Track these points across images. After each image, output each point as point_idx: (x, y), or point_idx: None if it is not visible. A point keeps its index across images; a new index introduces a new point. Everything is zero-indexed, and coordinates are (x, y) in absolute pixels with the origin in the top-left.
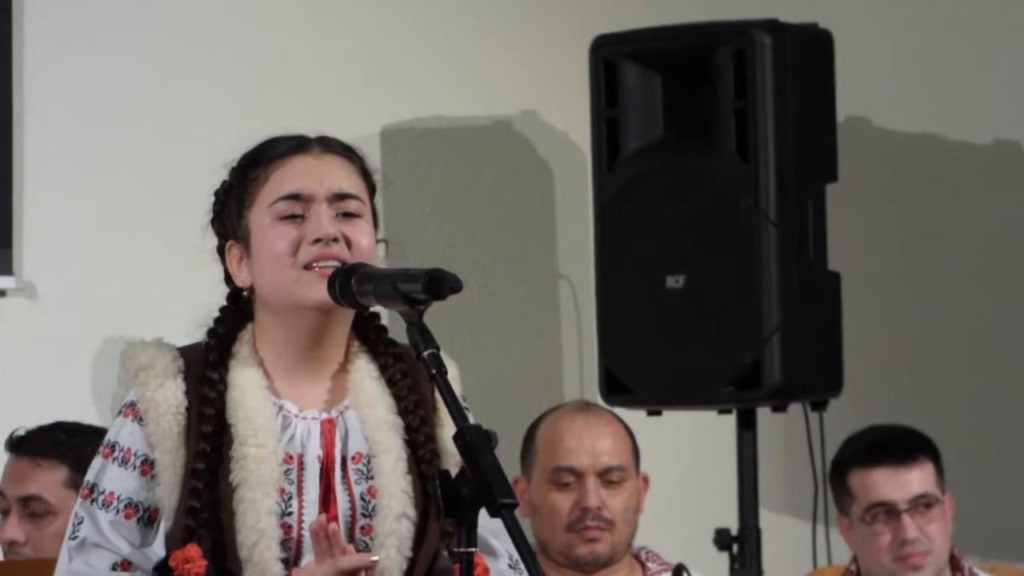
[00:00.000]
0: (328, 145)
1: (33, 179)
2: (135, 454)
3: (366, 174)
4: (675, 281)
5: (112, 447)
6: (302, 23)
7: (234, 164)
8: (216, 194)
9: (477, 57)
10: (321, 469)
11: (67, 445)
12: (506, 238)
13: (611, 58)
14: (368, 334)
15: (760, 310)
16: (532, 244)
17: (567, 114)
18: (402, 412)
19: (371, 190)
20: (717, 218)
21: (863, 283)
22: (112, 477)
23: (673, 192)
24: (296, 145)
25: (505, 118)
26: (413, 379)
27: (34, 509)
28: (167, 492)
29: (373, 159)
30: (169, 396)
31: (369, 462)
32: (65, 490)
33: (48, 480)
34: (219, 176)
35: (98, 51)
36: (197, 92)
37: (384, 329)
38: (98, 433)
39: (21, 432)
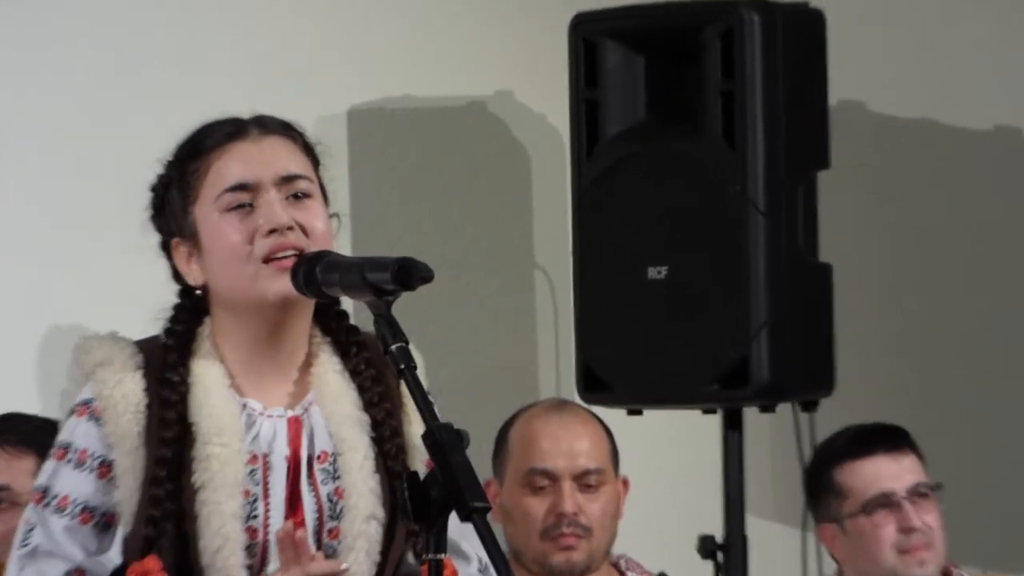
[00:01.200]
0: (265, 126)
1: None
2: (92, 455)
3: (308, 149)
4: (657, 272)
5: (66, 448)
6: None
7: (169, 157)
8: (153, 189)
9: (450, 34)
10: (288, 469)
11: (35, 435)
12: (479, 226)
13: (591, 36)
14: (329, 322)
15: (747, 304)
16: (507, 232)
17: (545, 95)
18: (367, 406)
19: (315, 164)
20: (702, 206)
21: (855, 275)
22: (67, 480)
23: (656, 178)
24: (232, 131)
25: (479, 99)
26: (378, 369)
27: (1, 498)
28: (126, 496)
29: (339, 142)
30: (128, 393)
31: (335, 461)
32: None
33: (16, 469)
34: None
35: (45, 40)
36: (151, 77)
37: (346, 315)
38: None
39: None
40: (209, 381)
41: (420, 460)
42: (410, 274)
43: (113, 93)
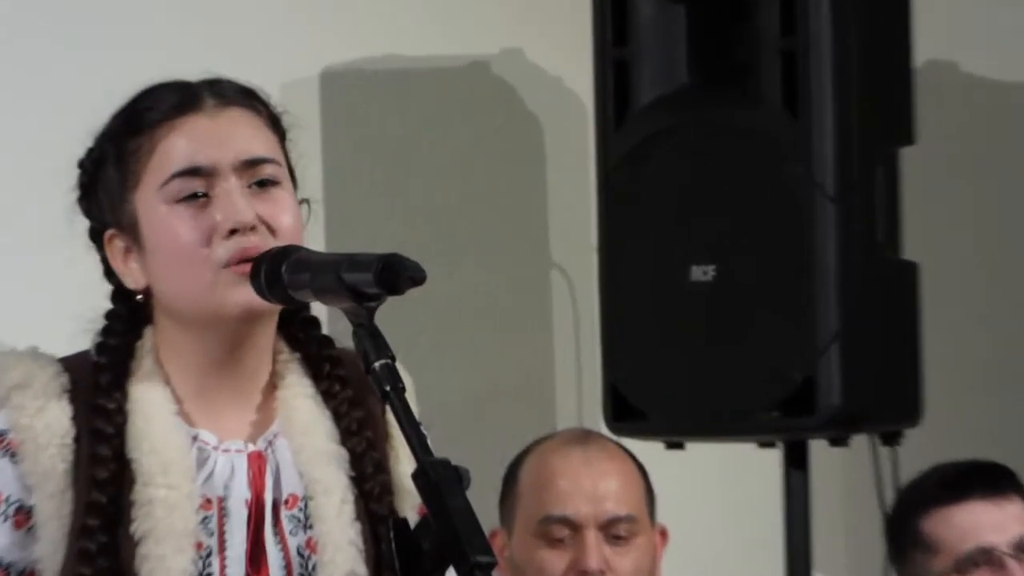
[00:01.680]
0: (223, 94)
1: None
2: (6, 500)
3: (274, 121)
4: (702, 273)
5: None
6: None
7: (102, 129)
8: (82, 165)
9: None
10: (248, 516)
11: None
12: (482, 214)
13: None
14: (296, 333)
15: (813, 312)
16: (516, 222)
17: (562, 54)
18: (343, 436)
19: (282, 138)
20: (757, 191)
21: (947, 276)
22: None
23: (700, 157)
24: (182, 101)
25: (482, 58)
26: (356, 390)
27: None
28: (49, 550)
29: (310, 110)
30: (52, 423)
31: (306, 506)
32: None
33: None
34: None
35: None
36: (86, 35)
37: (316, 324)
38: None
39: None
40: (151, 408)
41: (410, 506)
42: (397, 274)
43: (43, 54)
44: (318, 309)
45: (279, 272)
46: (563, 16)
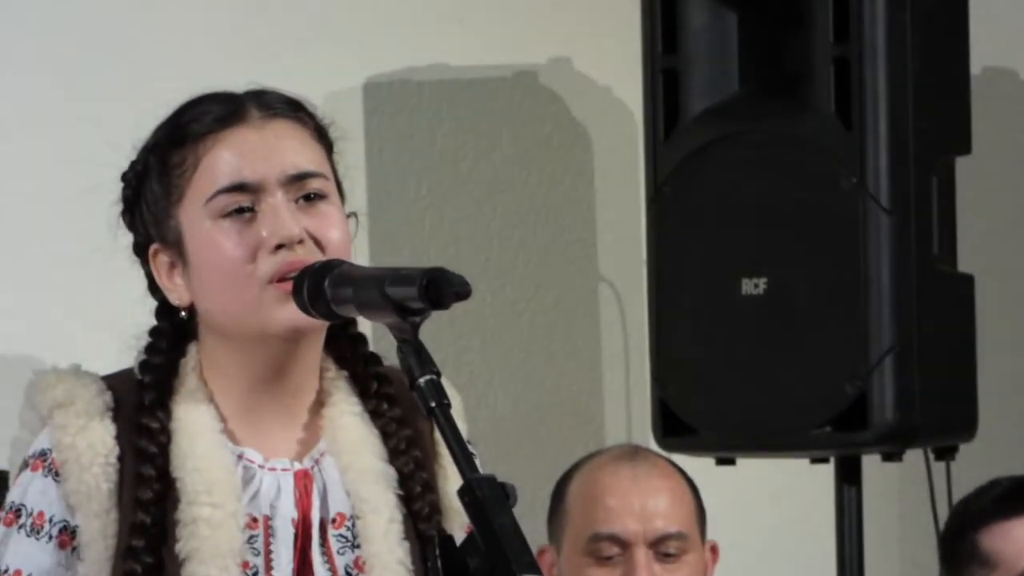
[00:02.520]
0: (268, 106)
1: None
2: (50, 520)
3: (320, 133)
4: (753, 286)
5: (17, 511)
6: None
7: (146, 142)
8: (125, 178)
9: None
10: (295, 536)
11: None
12: (529, 227)
13: None
14: (342, 349)
15: (867, 326)
16: (564, 235)
17: (611, 63)
18: (391, 455)
19: (328, 150)
20: (810, 202)
21: (1004, 289)
22: (19, 551)
23: (751, 167)
24: (227, 113)
25: (529, 68)
26: (404, 409)
27: None
28: (94, 570)
29: (354, 122)
30: (95, 442)
31: (354, 525)
32: None
33: None
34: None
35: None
36: (119, 37)
37: (363, 340)
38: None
39: None
40: (196, 427)
41: (459, 525)
42: (442, 289)
43: (99, 75)
44: (363, 325)
45: (322, 287)
46: (612, 25)
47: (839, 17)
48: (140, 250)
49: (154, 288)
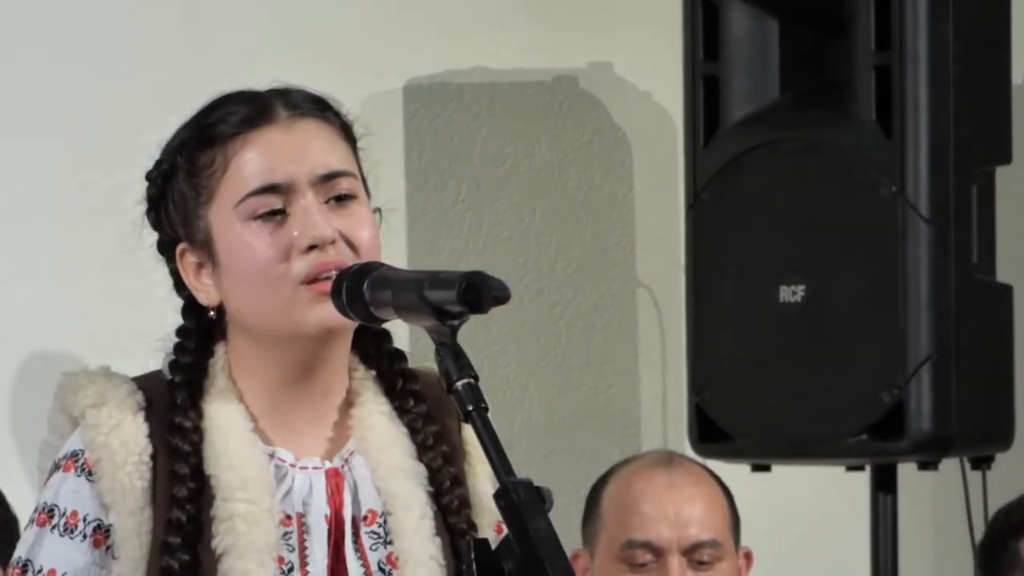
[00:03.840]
0: (296, 105)
1: None
2: (84, 519)
3: (346, 130)
4: (791, 293)
5: (50, 511)
6: None
7: (172, 141)
8: (150, 178)
9: None
10: (328, 532)
11: None
12: (568, 231)
13: None
14: (367, 347)
15: (905, 334)
16: (602, 240)
17: (652, 68)
18: (419, 451)
19: (354, 147)
20: (850, 210)
21: None
22: (53, 551)
23: (791, 174)
24: (254, 113)
25: (569, 72)
26: (430, 406)
27: None
28: (129, 567)
29: (393, 124)
30: (128, 440)
31: (385, 522)
32: None
33: None
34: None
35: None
36: (154, 37)
37: (388, 337)
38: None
39: None
40: (228, 425)
41: (489, 524)
42: (480, 293)
43: (128, 75)
44: (401, 327)
45: (361, 289)
46: (653, 30)
47: (881, 25)
48: (165, 249)
49: (180, 287)
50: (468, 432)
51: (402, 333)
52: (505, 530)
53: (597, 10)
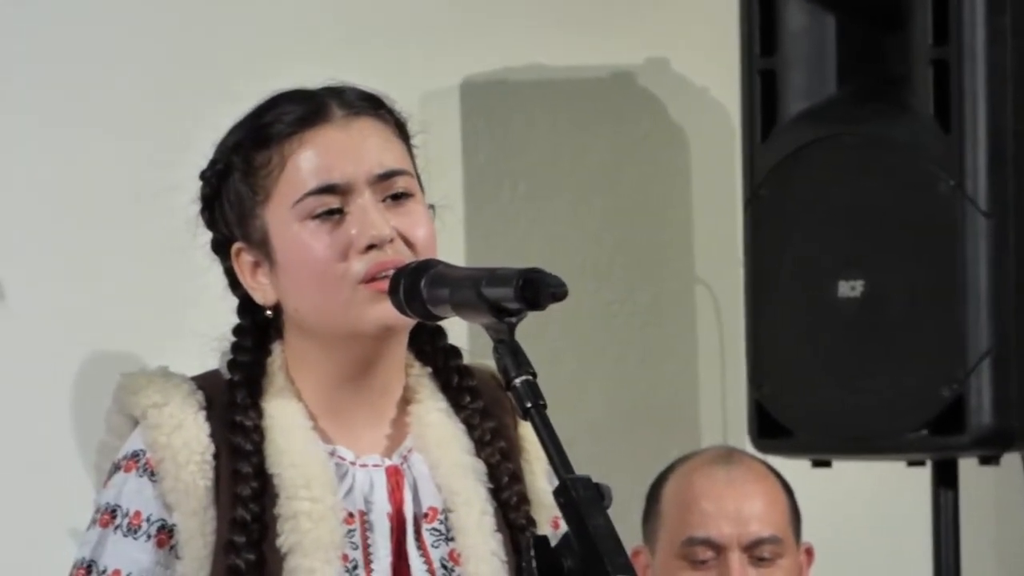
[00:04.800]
0: (351, 104)
1: None
2: (147, 519)
3: (400, 128)
4: (850, 288)
5: (113, 512)
6: None
7: (226, 141)
8: (205, 178)
9: None
10: (390, 529)
11: None
12: (625, 228)
13: None
14: (422, 344)
15: (964, 328)
16: (660, 237)
17: (709, 64)
18: (477, 447)
19: (408, 144)
20: (908, 205)
21: None
22: (116, 551)
23: (849, 170)
24: (310, 112)
25: (626, 68)
26: (486, 402)
27: None
28: (193, 567)
29: (450, 122)
30: (190, 440)
31: (447, 519)
32: None
33: None
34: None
35: (67, 10)
36: (207, 45)
37: (443, 334)
38: None
39: None
40: (288, 424)
41: (547, 520)
42: (538, 289)
43: (182, 75)
44: (459, 325)
45: (419, 287)
46: (710, 25)
47: (938, 19)
48: (220, 248)
49: (235, 285)
50: (525, 429)
51: (460, 331)
52: (563, 526)
53: (653, 6)
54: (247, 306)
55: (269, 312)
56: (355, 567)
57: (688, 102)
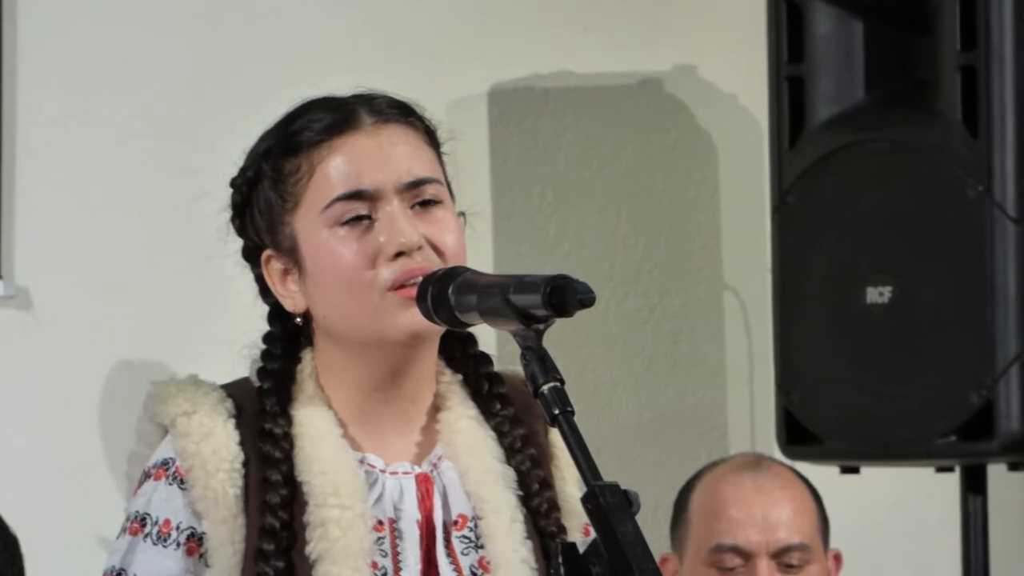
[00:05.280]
0: (380, 111)
1: (28, 162)
2: (177, 527)
3: (431, 135)
4: (878, 295)
5: (142, 520)
6: None
7: (256, 148)
8: (235, 185)
9: None
10: (420, 537)
11: None
12: (653, 234)
13: None
14: (452, 351)
15: (993, 334)
16: (688, 243)
17: (736, 71)
18: (507, 454)
19: (439, 152)
20: (936, 211)
21: None
22: (146, 560)
23: (877, 176)
24: (339, 120)
25: (654, 75)
26: (516, 409)
27: None
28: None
29: (478, 128)
30: (219, 448)
31: (476, 526)
32: None
33: None
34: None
35: (97, 20)
36: (238, 51)
37: (474, 341)
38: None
39: None
40: (318, 431)
41: (576, 527)
42: (566, 296)
43: (213, 82)
44: (487, 332)
45: (446, 294)
46: (738, 33)
47: (966, 25)
48: (250, 255)
49: (265, 293)
50: (555, 435)
51: (489, 338)
52: (593, 533)
53: (681, 13)
54: (277, 313)
55: (299, 319)
56: (384, 575)
57: (716, 108)
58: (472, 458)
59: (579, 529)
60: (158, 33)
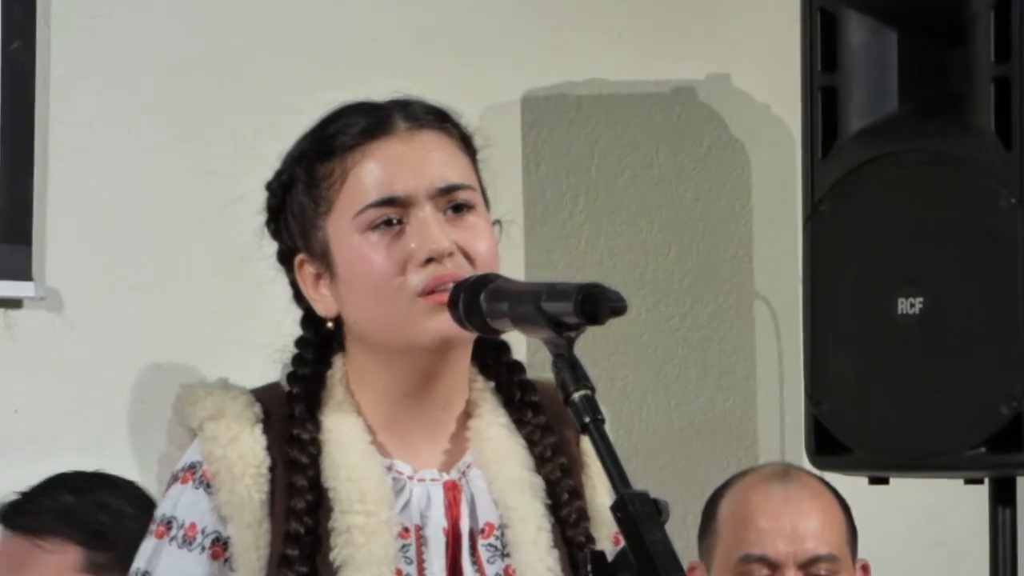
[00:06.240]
0: (415, 117)
1: (60, 163)
2: (202, 531)
3: (466, 141)
4: (910, 306)
5: (168, 523)
6: None
7: (292, 152)
8: (271, 189)
9: (649, 3)
10: (446, 544)
11: (77, 514)
12: (685, 243)
13: (830, 6)
14: (486, 358)
15: (1023, 346)
16: (720, 252)
17: (770, 80)
18: (537, 464)
19: (473, 159)
20: (968, 222)
21: None
22: (171, 563)
23: (909, 186)
24: (373, 124)
25: (687, 84)
26: (548, 417)
27: None
28: None
29: (511, 136)
30: (246, 453)
31: (503, 534)
32: None
33: (52, 567)
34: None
35: (130, 25)
36: (274, 48)
37: (507, 349)
38: (119, 487)
39: (15, 498)
40: (346, 437)
41: (606, 536)
42: (598, 304)
43: (246, 85)
44: (519, 339)
45: (478, 301)
46: (771, 42)
47: (1000, 36)
48: (285, 259)
49: (299, 297)
50: (587, 444)
51: (520, 345)
52: (622, 542)
53: (715, 22)
54: (311, 318)
55: (331, 324)
56: None
57: (749, 118)
58: (501, 466)
59: (609, 538)
60: (189, 38)
